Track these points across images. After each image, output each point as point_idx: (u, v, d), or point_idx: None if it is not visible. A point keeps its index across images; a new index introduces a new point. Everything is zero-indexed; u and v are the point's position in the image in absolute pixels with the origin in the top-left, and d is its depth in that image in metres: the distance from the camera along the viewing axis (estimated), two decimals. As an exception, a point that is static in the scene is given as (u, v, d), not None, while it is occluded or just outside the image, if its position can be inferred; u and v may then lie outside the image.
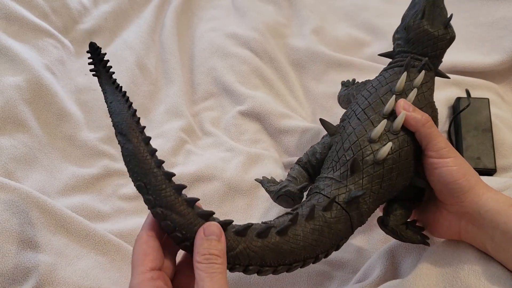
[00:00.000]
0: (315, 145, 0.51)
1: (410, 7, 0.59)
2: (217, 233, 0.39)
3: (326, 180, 0.47)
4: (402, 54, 0.56)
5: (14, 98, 0.66)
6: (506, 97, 0.77)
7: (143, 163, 0.41)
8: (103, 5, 0.85)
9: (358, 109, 0.50)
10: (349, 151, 0.47)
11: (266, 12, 0.88)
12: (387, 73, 0.54)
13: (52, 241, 0.56)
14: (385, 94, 0.51)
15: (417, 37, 0.55)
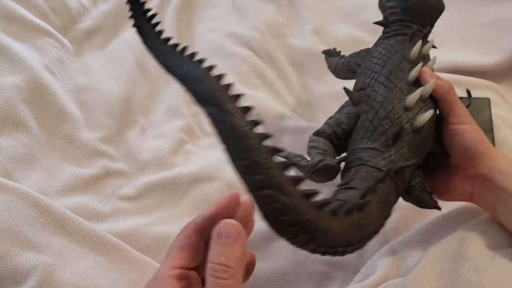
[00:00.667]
0: (338, 115, 0.50)
1: None
2: (232, 235, 0.33)
3: (368, 151, 0.45)
4: (399, 23, 0.56)
5: (13, 97, 0.66)
6: (507, 97, 0.77)
7: (246, 137, 0.33)
8: (102, 4, 0.85)
9: (380, 77, 0.49)
10: (386, 119, 0.46)
11: (266, 12, 0.88)
12: (391, 41, 0.54)
13: (51, 242, 0.55)
14: (401, 63, 0.50)
15: (417, 7, 0.55)
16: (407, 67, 0.50)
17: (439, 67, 0.79)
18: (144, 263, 0.57)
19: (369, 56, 0.54)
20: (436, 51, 0.82)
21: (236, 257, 0.32)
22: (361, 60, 0.56)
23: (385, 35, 0.57)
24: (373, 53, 0.54)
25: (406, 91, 0.48)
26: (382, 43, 0.55)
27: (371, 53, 0.54)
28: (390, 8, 0.57)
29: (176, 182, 0.65)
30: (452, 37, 0.84)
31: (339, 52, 0.67)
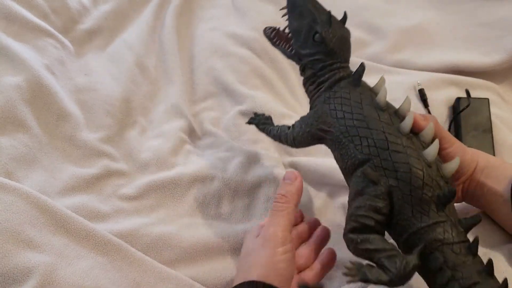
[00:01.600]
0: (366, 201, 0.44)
1: (295, 18, 0.54)
2: (291, 178, 0.45)
3: (434, 228, 0.42)
4: (329, 68, 0.51)
5: (14, 98, 0.66)
6: (506, 97, 0.77)
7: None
8: (103, 5, 0.85)
9: (379, 142, 0.45)
10: (426, 187, 0.43)
11: (266, 12, 0.88)
12: (342, 93, 0.49)
13: (52, 241, 0.56)
14: (380, 116, 0.46)
15: (338, 45, 0.51)
16: (388, 118, 0.46)
17: (439, 67, 0.79)
18: (144, 263, 0.57)
19: (333, 118, 0.48)
20: (436, 50, 0.82)
21: (291, 191, 0.45)
22: (326, 126, 0.49)
23: (321, 86, 0.51)
24: (335, 113, 0.49)
25: (415, 146, 0.45)
26: (331, 97, 0.50)
27: (331, 114, 0.49)
28: (310, 55, 0.52)
29: (176, 182, 0.65)
30: (452, 37, 0.84)
31: (268, 117, 0.63)
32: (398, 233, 0.44)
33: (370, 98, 0.48)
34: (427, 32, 0.84)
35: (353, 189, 0.46)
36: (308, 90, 0.54)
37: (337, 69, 0.51)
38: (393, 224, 0.44)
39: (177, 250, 0.60)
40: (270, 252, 0.41)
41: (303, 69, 0.54)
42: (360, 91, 0.49)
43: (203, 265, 0.59)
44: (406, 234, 0.43)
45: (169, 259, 0.60)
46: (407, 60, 0.81)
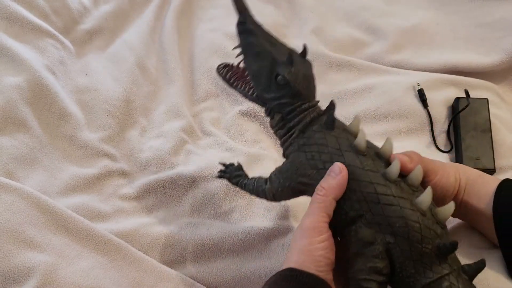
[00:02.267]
0: (365, 263, 0.41)
1: (252, 59, 0.49)
2: (335, 171, 0.43)
3: (443, 282, 0.40)
4: (298, 111, 0.48)
5: (14, 98, 0.66)
6: (505, 97, 0.77)
7: None
8: (103, 5, 0.85)
9: (369, 196, 0.42)
10: (425, 239, 0.41)
11: (266, 12, 0.88)
12: (316, 139, 0.46)
13: (53, 241, 0.56)
14: (364, 164, 0.44)
15: (304, 86, 0.47)
16: (372, 164, 0.44)
17: (438, 67, 0.79)
18: (144, 262, 0.57)
19: (313, 169, 0.46)
20: (436, 51, 0.82)
21: (331, 185, 0.43)
22: (307, 178, 0.46)
23: (293, 131, 0.48)
24: (314, 164, 0.45)
25: (406, 194, 0.42)
26: (305, 144, 0.47)
27: (310, 165, 0.46)
28: (275, 99, 0.48)
29: (176, 182, 0.66)
30: (452, 37, 0.84)
31: (239, 167, 0.57)
32: (396, 280, 0.42)
33: (348, 142, 0.45)
34: (426, 32, 0.84)
35: (348, 248, 0.43)
36: (278, 135, 0.50)
37: (307, 110, 0.48)
38: (396, 281, 0.42)
39: (177, 250, 0.60)
40: (308, 241, 0.42)
41: (269, 113, 0.50)
42: (335, 135, 0.45)
43: (203, 265, 0.60)
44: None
45: (169, 259, 0.60)
46: (406, 60, 0.81)
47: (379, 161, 0.44)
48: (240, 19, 0.51)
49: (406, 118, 0.74)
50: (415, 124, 0.73)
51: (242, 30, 0.51)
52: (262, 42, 0.49)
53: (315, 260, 0.41)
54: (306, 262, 0.41)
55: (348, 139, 0.45)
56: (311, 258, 0.41)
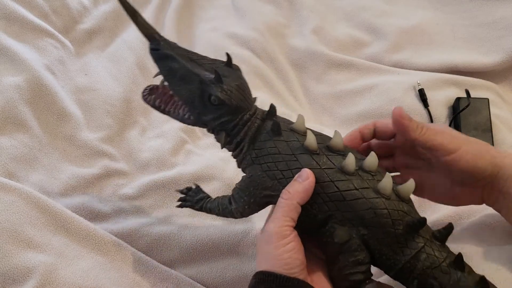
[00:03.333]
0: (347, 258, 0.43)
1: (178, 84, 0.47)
2: (302, 176, 0.43)
3: (421, 255, 0.42)
4: (242, 125, 0.47)
5: (14, 98, 0.66)
6: (506, 97, 0.77)
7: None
8: (103, 5, 0.85)
9: (335, 195, 0.43)
10: (396, 222, 0.42)
11: (266, 12, 0.88)
12: (269, 148, 0.45)
13: (52, 241, 0.56)
14: (321, 161, 0.44)
15: (240, 97, 0.46)
16: (327, 161, 0.44)
17: (438, 67, 0.79)
18: (144, 263, 0.57)
19: (273, 180, 0.45)
20: (436, 50, 0.82)
21: (297, 190, 0.43)
22: (270, 190, 0.45)
23: (241, 146, 0.47)
24: (272, 174, 0.45)
25: (367, 183, 0.43)
26: (258, 156, 0.46)
27: (269, 176, 0.45)
28: (215, 119, 0.47)
29: (176, 182, 0.66)
30: (452, 37, 0.84)
31: (198, 190, 0.55)
32: (386, 270, 0.44)
33: (299, 143, 0.45)
34: (426, 32, 0.84)
35: (327, 249, 0.44)
36: (228, 150, 0.49)
37: (249, 121, 0.47)
38: (378, 264, 0.44)
39: (177, 250, 0.60)
40: (273, 245, 0.42)
41: (212, 131, 0.49)
42: (284, 139, 0.45)
43: (203, 265, 0.60)
44: (394, 271, 0.44)
45: (169, 259, 0.60)
46: (406, 60, 0.81)
47: (332, 155, 0.45)
48: (152, 45, 0.47)
49: (407, 118, 0.74)
50: (415, 124, 0.73)
51: (158, 57, 0.47)
52: (184, 64, 0.46)
53: (284, 263, 0.41)
54: (276, 267, 0.41)
55: (299, 140, 0.45)
56: (280, 262, 0.41)
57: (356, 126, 0.76)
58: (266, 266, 0.42)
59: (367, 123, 0.52)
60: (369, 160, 0.44)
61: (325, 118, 0.78)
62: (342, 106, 0.77)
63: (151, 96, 0.49)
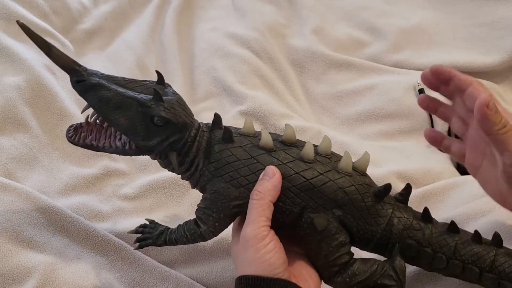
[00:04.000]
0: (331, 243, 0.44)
1: (113, 114, 0.44)
2: (269, 174, 0.43)
3: (393, 220, 0.45)
4: (190, 140, 0.45)
5: (14, 98, 0.66)
6: (506, 97, 0.77)
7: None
8: (103, 5, 0.85)
9: (304, 185, 0.43)
10: (365, 195, 0.44)
11: (266, 12, 0.88)
12: (228, 158, 0.45)
13: (52, 241, 0.56)
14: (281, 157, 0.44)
15: (183, 113, 0.45)
16: (286, 155, 0.44)
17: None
18: (144, 263, 0.57)
19: (239, 188, 0.44)
20: (436, 50, 0.82)
21: (267, 188, 0.43)
22: (239, 199, 0.45)
23: (196, 163, 0.46)
24: (237, 183, 0.44)
25: (329, 165, 0.44)
26: (217, 168, 0.45)
27: (234, 185, 0.44)
28: (162, 142, 0.44)
29: (176, 182, 0.65)
30: (452, 37, 0.84)
31: (154, 225, 0.52)
32: (364, 244, 0.46)
33: (253, 146, 0.45)
34: (426, 32, 0.84)
35: (308, 240, 0.44)
36: (180, 172, 0.47)
37: (198, 135, 0.45)
38: (356, 241, 0.45)
39: (177, 250, 0.60)
40: (253, 249, 0.41)
41: (158, 157, 0.46)
42: (239, 145, 0.45)
43: (203, 265, 0.60)
44: (373, 243, 0.45)
45: (169, 259, 0.60)
46: (407, 60, 0.81)
47: (288, 148, 0.45)
48: (75, 78, 0.43)
49: (407, 118, 0.74)
50: (415, 124, 0.73)
51: (84, 89, 0.43)
52: (117, 90, 0.43)
53: (268, 265, 0.41)
54: (259, 270, 0.41)
55: (252, 143, 0.45)
56: (263, 265, 0.41)
57: (356, 126, 0.77)
58: (249, 271, 0.42)
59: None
60: (323, 144, 0.45)
61: (325, 118, 0.78)
62: (342, 106, 0.77)
63: (77, 135, 0.46)
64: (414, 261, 0.45)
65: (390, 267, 0.44)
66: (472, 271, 0.44)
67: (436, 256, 0.44)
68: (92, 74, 0.44)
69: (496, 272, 0.44)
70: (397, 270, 0.44)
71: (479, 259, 0.44)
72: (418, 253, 0.44)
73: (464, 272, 0.44)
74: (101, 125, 0.47)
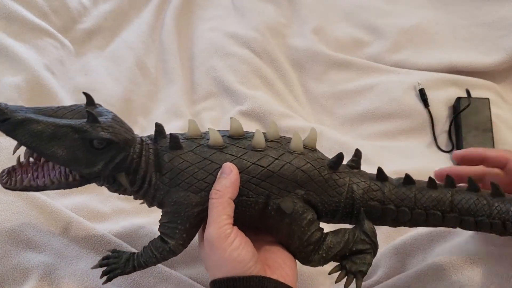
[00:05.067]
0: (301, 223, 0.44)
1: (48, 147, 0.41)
2: (226, 171, 0.43)
3: (352, 186, 0.46)
4: (137, 155, 0.44)
5: (13, 98, 0.66)
6: (506, 97, 0.77)
7: None
8: (102, 4, 0.85)
9: (262, 174, 0.43)
10: (321, 169, 0.45)
11: (266, 12, 0.88)
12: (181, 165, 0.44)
13: (52, 241, 0.56)
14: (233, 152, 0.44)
15: (123, 130, 0.44)
16: (237, 149, 0.44)
17: (439, 67, 0.79)
18: (144, 263, 0.57)
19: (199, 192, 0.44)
20: (436, 50, 0.82)
21: (225, 185, 0.42)
22: (201, 204, 0.44)
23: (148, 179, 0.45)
24: (195, 188, 0.44)
25: (281, 149, 0.45)
26: (173, 178, 0.44)
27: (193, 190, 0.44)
28: (108, 164, 0.43)
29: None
30: (452, 37, 0.84)
31: (117, 254, 0.49)
32: (331, 216, 0.46)
33: (203, 147, 0.44)
34: (427, 32, 0.84)
35: (279, 227, 0.44)
36: (132, 192, 0.45)
37: (143, 149, 0.44)
38: (323, 215, 0.46)
39: (177, 250, 0.60)
40: (219, 251, 0.41)
41: (106, 182, 0.44)
42: (188, 149, 0.44)
43: (203, 265, 0.59)
44: (339, 213, 0.46)
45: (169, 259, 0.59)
46: (407, 60, 0.81)
47: (238, 141, 0.45)
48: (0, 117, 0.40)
49: (407, 118, 0.74)
50: (416, 123, 0.73)
51: (10, 128, 0.41)
52: (47, 122, 0.41)
53: (237, 263, 0.41)
54: (230, 271, 0.41)
55: (201, 144, 0.45)
56: (232, 264, 0.41)
57: (356, 126, 0.77)
58: (220, 274, 0.41)
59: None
60: (271, 130, 0.46)
61: (325, 118, 0.78)
62: (342, 106, 0.77)
63: (12, 179, 0.44)
64: (380, 220, 0.47)
65: (361, 232, 0.45)
66: (435, 216, 0.45)
67: (400, 210, 0.45)
68: (15, 110, 0.41)
69: (456, 210, 0.45)
70: (368, 233, 0.45)
71: (438, 203, 0.45)
72: (382, 212, 0.46)
73: (427, 219, 0.46)
74: (36, 163, 0.44)
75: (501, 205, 0.44)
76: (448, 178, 0.46)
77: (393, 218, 0.46)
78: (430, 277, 0.52)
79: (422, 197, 0.45)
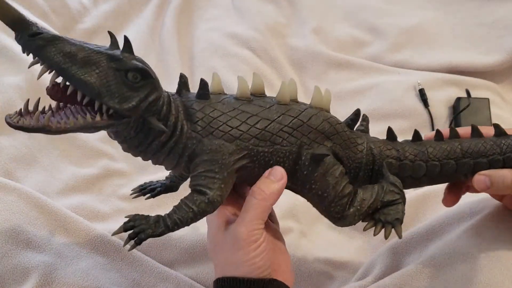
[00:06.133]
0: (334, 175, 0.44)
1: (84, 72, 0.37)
2: (276, 176, 0.42)
3: (372, 146, 0.47)
4: (167, 99, 0.41)
5: (13, 98, 0.66)
6: (506, 97, 0.77)
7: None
8: (103, 5, 0.85)
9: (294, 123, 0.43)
10: (341, 125, 0.46)
11: (266, 12, 0.88)
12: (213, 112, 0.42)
13: (52, 241, 0.56)
14: (260, 103, 0.44)
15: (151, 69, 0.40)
16: (264, 102, 0.44)
17: (439, 67, 0.79)
18: (144, 263, 0.57)
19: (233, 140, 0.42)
20: (436, 50, 0.82)
21: (271, 190, 0.41)
22: (237, 153, 0.42)
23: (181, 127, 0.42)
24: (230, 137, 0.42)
25: (301, 103, 0.46)
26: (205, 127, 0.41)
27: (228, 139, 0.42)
28: (143, 101, 0.39)
29: (176, 182, 0.65)
30: (452, 37, 0.84)
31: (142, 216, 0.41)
32: (354, 175, 0.47)
33: (231, 99, 0.43)
34: (427, 32, 0.84)
35: (313, 181, 0.44)
36: (155, 146, 0.41)
37: (170, 96, 0.42)
38: (347, 172, 0.46)
39: (177, 250, 0.60)
40: (243, 252, 0.40)
41: (138, 126, 0.40)
42: (216, 100, 0.43)
43: (203, 265, 0.59)
44: (362, 171, 0.47)
45: (169, 259, 0.60)
46: (407, 60, 0.81)
47: (262, 98, 0.45)
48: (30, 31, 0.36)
49: (407, 118, 0.74)
50: (416, 123, 0.73)
51: (43, 43, 0.36)
52: (80, 45, 0.37)
53: (256, 268, 0.40)
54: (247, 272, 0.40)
55: (228, 96, 0.44)
56: (251, 267, 0.40)
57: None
58: (235, 272, 0.41)
59: None
60: (290, 88, 0.46)
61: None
62: (343, 106, 0.77)
63: (26, 118, 0.37)
64: (397, 177, 0.47)
65: (388, 183, 0.45)
66: (449, 165, 0.46)
67: (415, 164, 0.46)
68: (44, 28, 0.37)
69: (468, 155, 0.46)
70: (396, 183, 0.45)
71: (449, 152, 0.46)
72: (399, 168, 0.47)
73: (442, 170, 0.47)
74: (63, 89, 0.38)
75: (508, 140, 0.46)
76: (452, 130, 0.48)
77: (410, 173, 0.47)
78: (425, 274, 0.52)
79: (434, 149, 0.47)
